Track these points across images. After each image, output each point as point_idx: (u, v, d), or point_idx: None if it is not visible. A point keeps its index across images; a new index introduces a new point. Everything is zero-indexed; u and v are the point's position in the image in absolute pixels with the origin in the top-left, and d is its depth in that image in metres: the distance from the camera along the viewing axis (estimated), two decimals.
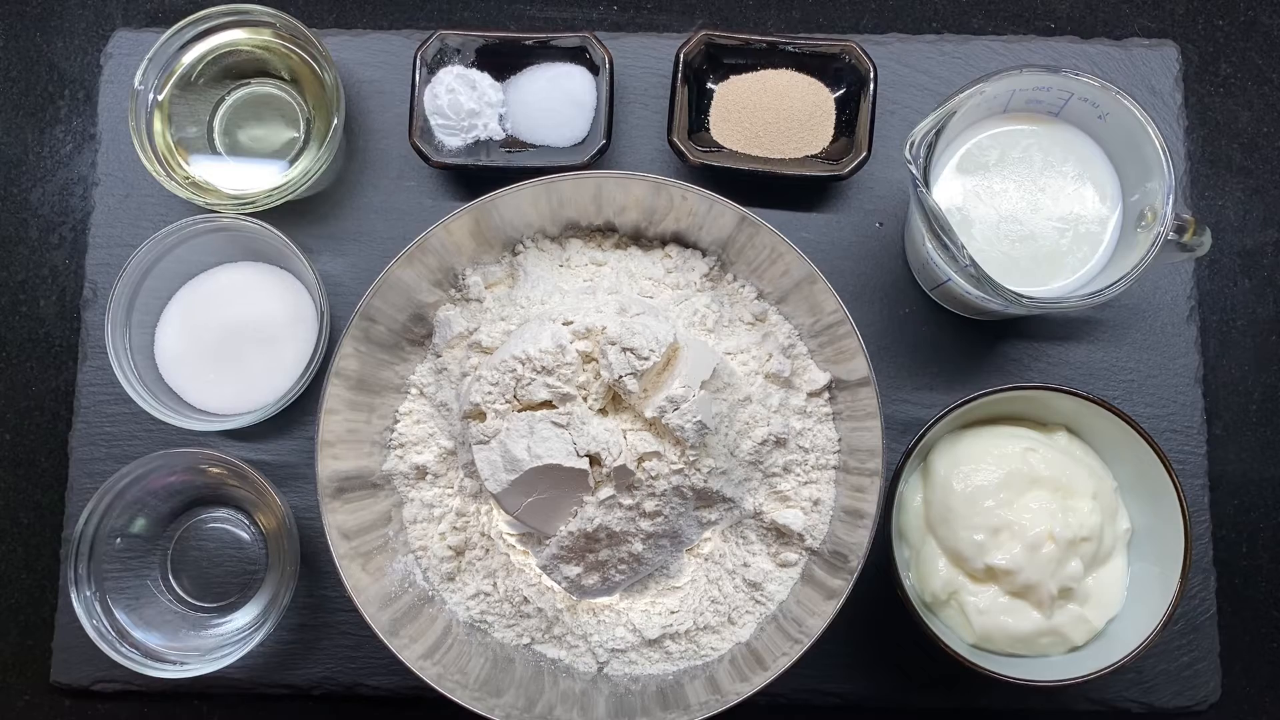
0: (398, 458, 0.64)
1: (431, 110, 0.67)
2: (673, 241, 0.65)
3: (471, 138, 0.68)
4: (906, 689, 0.68)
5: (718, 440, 0.59)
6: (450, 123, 0.68)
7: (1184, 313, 0.71)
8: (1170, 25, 0.75)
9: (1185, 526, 0.58)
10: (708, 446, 0.58)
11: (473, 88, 0.67)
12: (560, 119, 0.69)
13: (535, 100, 0.69)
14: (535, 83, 0.69)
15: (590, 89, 0.69)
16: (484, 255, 0.64)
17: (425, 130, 0.68)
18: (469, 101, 0.67)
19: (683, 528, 0.60)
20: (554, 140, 0.69)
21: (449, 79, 0.67)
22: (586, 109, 0.69)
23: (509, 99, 0.69)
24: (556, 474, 0.56)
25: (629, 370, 0.56)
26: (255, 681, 0.68)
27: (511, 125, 0.69)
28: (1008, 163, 0.64)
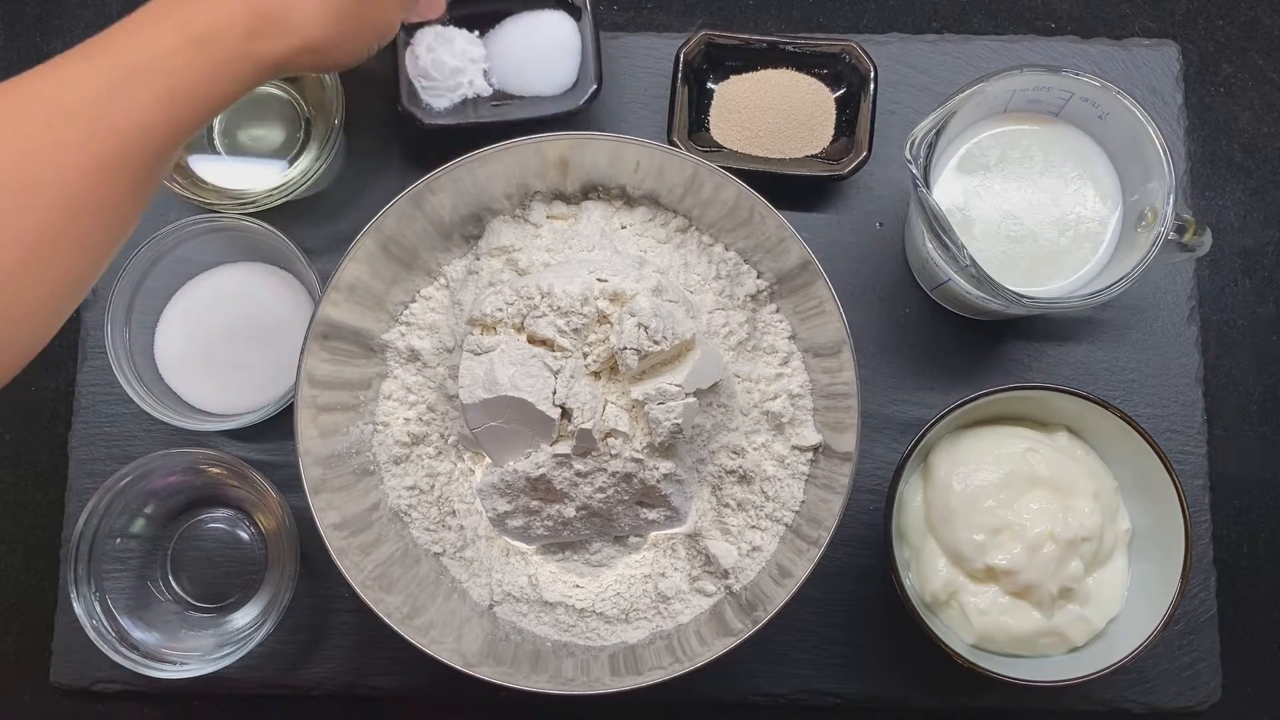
0: (399, 333, 0.64)
1: (415, 73, 0.67)
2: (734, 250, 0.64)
3: (458, 96, 0.67)
4: (907, 689, 0.68)
5: (687, 450, 0.60)
6: (435, 83, 0.67)
7: (1184, 313, 0.71)
8: (1171, 25, 0.75)
9: (1185, 527, 0.58)
10: (675, 451, 0.58)
11: (451, 43, 0.66)
12: (546, 66, 0.68)
13: (517, 50, 0.68)
14: (515, 32, 0.68)
15: (573, 32, 0.68)
16: (561, 187, 0.64)
17: (412, 94, 0.67)
18: (451, 59, 0.66)
19: (619, 515, 0.60)
20: (542, 89, 0.68)
21: (427, 38, 0.66)
22: (572, 53, 0.68)
23: (491, 53, 0.68)
24: (527, 411, 0.56)
25: (635, 346, 0.56)
26: (255, 681, 0.68)
27: (497, 79, 0.68)
28: (1008, 163, 0.64)
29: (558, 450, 0.57)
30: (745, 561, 0.62)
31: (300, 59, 0.52)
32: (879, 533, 0.62)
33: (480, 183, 0.61)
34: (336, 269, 0.58)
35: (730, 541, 0.62)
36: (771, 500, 0.62)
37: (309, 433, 0.58)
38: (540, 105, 0.68)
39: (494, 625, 0.62)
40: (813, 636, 0.68)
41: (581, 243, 0.62)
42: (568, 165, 0.62)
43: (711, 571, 0.62)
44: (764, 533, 0.62)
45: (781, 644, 0.68)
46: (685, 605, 0.62)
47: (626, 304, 0.57)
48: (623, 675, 0.58)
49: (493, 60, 0.68)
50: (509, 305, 0.58)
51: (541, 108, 0.67)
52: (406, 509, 0.63)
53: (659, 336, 0.56)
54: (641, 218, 0.65)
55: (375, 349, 0.64)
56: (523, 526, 0.62)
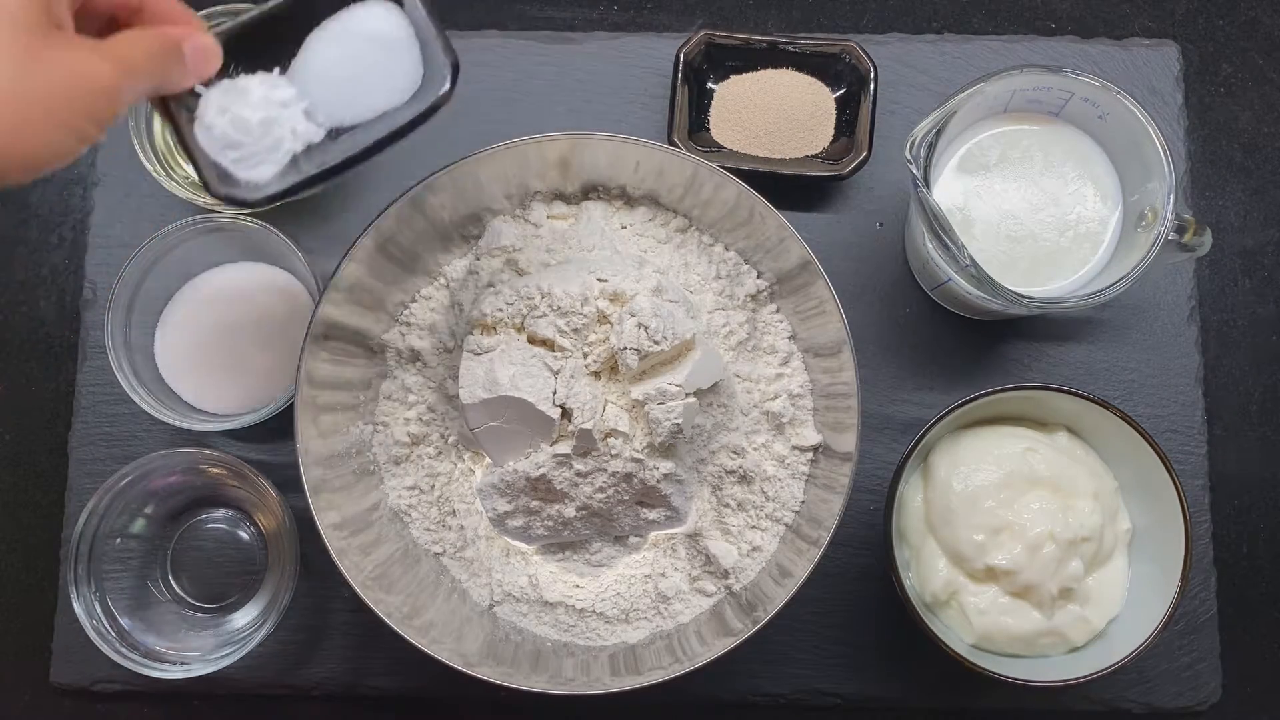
0: (399, 334, 0.64)
1: (216, 150, 0.49)
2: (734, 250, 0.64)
3: (284, 155, 0.50)
4: (906, 689, 0.68)
5: (688, 450, 0.60)
6: (246, 150, 0.49)
7: (1184, 313, 0.71)
8: (1171, 25, 0.75)
9: (1186, 527, 0.58)
10: (675, 450, 0.58)
11: (247, 94, 0.49)
12: (375, 75, 0.51)
13: (333, 70, 0.51)
14: (323, 51, 0.51)
15: (399, 21, 0.51)
16: (561, 187, 0.64)
17: (223, 176, 0.49)
18: (253, 112, 0.49)
19: (619, 515, 0.60)
20: (383, 103, 0.51)
21: (214, 100, 0.48)
22: (404, 47, 0.51)
23: (303, 86, 0.50)
24: (527, 411, 0.56)
25: (635, 346, 0.56)
26: (255, 681, 0.68)
27: (324, 114, 0.50)
28: (1008, 163, 0.64)
29: (558, 450, 0.58)
30: (745, 561, 0.62)
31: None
32: (879, 533, 0.62)
33: (480, 183, 0.61)
34: (336, 269, 0.58)
35: (730, 541, 0.62)
36: (771, 500, 0.62)
37: (309, 433, 0.58)
38: (389, 120, 0.51)
39: (494, 625, 0.62)
40: (813, 636, 0.68)
41: (581, 243, 0.62)
42: (568, 165, 0.62)
43: (711, 571, 0.62)
44: (764, 533, 0.62)
45: (781, 644, 0.68)
46: (685, 605, 0.62)
47: (626, 304, 0.57)
48: (623, 675, 0.58)
49: (310, 94, 0.50)
50: (509, 305, 0.58)
51: (391, 122, 0.51)
52: (406, 509, 0.63)
53: (659, 336, 0.56)
54: (641, 218, 0.65)
55: (375, 349, 0.64)
56: (523, 526, 0.62)
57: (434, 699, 0.68)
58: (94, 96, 0.40)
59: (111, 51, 0.42)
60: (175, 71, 0.45)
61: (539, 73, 0.73)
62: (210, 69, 0.47)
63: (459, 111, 0.72)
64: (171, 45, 0.44)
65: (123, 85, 0.41)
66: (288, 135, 0.49)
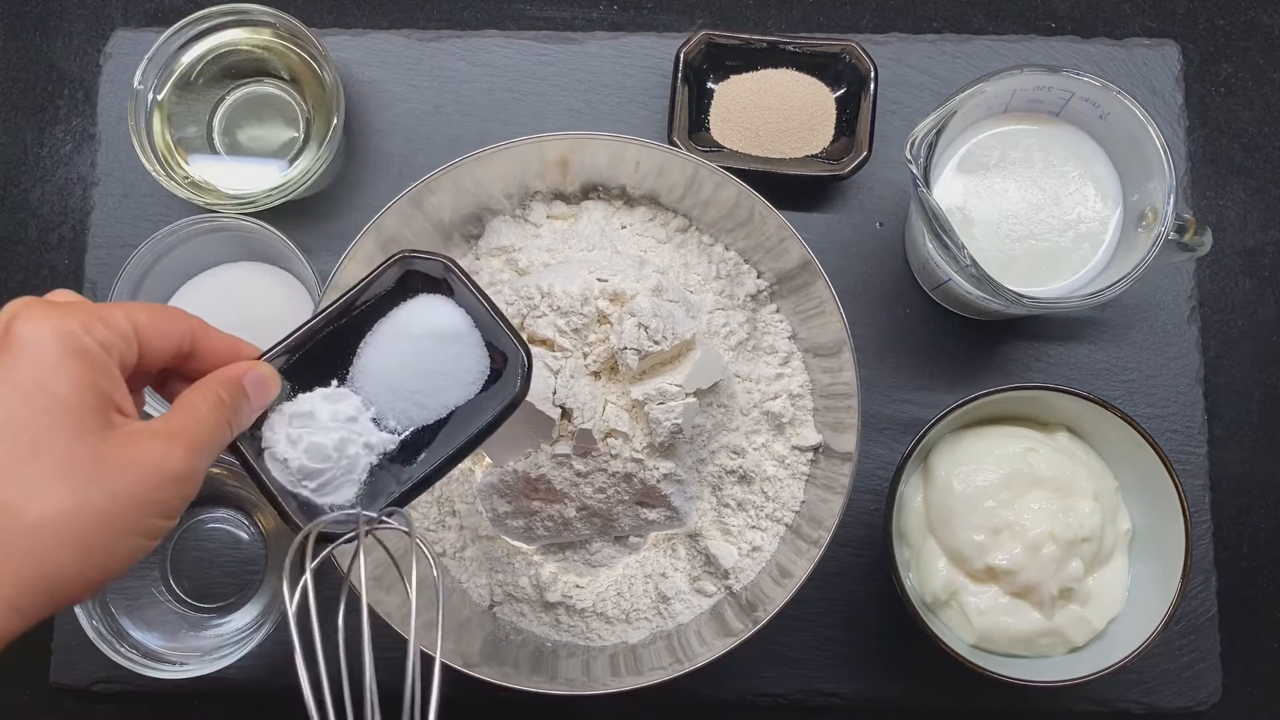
0: None
1: (294, 484, 0.45)
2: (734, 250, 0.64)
3: (363, 469, 0.46)
4: (906, 689, 0.68)
5: (688, 450, 0.59)
6: (325, 476, 0.45)
7: (1185, 313, 0.71)
8: (1171, 25, 0.75)
9: (1186, 527, 0.58)
10: (675, 450, 0.58)
11: (313, 417, 0.45)
12: (446, 368, 0.48)
13: (396, 373, 0.47)
14: (381, 354, 0.47)
15: (453, 312, 0.48)
16: (561, 187, 0.64)
17: (306, 508, 0.45)
18: (326, 436, 0.45)
19: (619, 515, 0.60)
20: (460, 396, 0.48)
21: (281, 431, 0.45)
22: (466, 334, 0.48)
23: (365, 394, 0.47)
24: (527, 411, 0.56)
25: (635, 346, 0.56)
26: (255, 682, 0.68)
27: (394, 419, 0.47)
28: (1008, 163, 0.64)
29: (558, 450, 0.57)
30: (745, 562, 0.62)
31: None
32: (879, 533, 0.62)
33: (480, 183, 0.61)
34: (336, 269, 0.58)
35: (730, 541, 0.62)
36: (772, 500, 0.62)
37: None
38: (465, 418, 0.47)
39: (494, 625, 0.62)
40: (813, 636, 0.68)
41: (581, 243, 0.62)
42: (568, 165, 0.62)
43: (712, 571, 0.62)
44: (764, 533, 0.62)
45: (781, 644, 0.68)
46: (685, 605, 0.62)
47: (626, 304, 0.57)
48: (623, 675, 0.58)
49: (376, 400, 0.47)
50: (509, 305, 0.58)
51: (468, 422, 0.47)
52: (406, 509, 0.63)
53: (659, 336, 0.56)
54: (641, 218, 0.65)
55: None
56: (523, 527, 0.61)
57: None
58: (168, 489, 0.37)
59: (178, 428, 0.38)
60: (244, 416, 0.42)
61: (539, 73, 0.73)
62: (270, 398, 0.44)
63: (459, 111, 0.72)
64: (235, 391, 0.42)
65: (197, 465, 0.38)
66: (362, 450, 0.46)
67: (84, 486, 0.35)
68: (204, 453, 0.39)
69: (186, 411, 0.39)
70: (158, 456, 0.37)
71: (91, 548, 0.35)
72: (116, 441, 0.36)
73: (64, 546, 0.34)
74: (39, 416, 0.35)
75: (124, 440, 0.36)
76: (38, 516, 0.34)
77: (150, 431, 0.37)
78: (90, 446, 0.35)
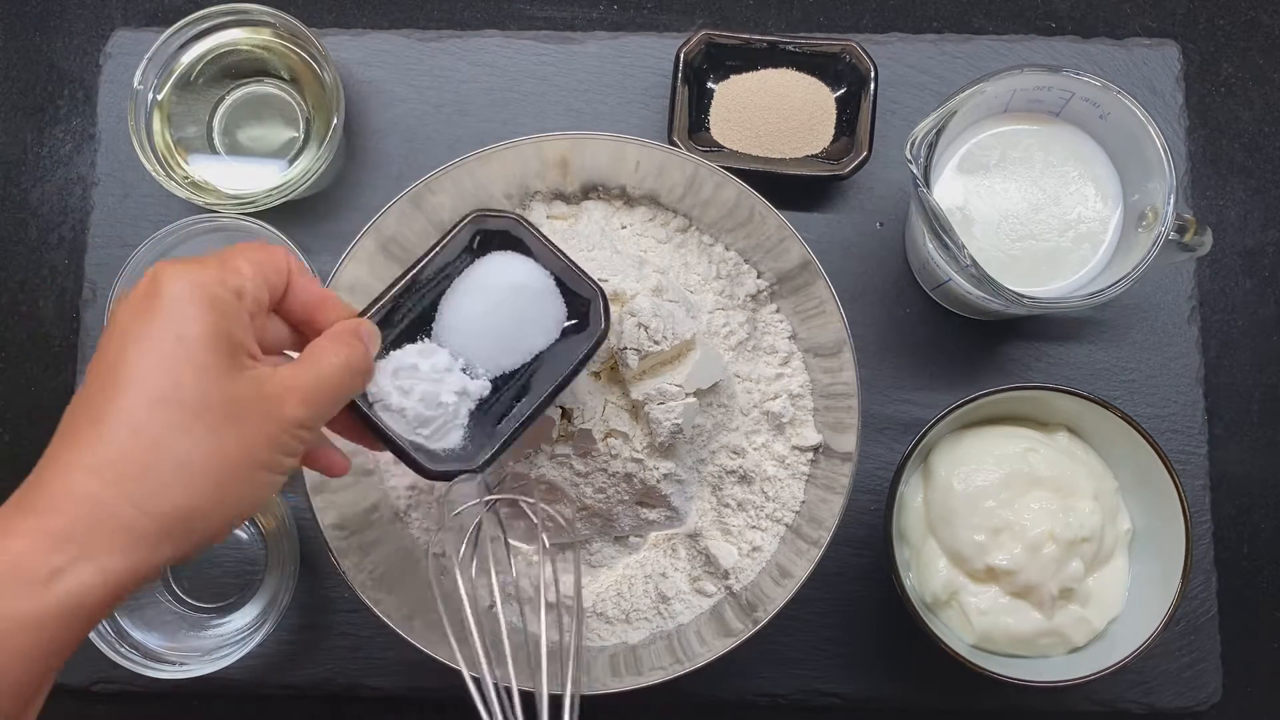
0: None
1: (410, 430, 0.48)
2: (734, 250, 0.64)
3: (465, 415, 0.49)
4: (906, 689, 0.68)
5: (688, 450, 0.59)
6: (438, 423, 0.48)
7: (1185, 313, 0.71)
8: (1171, 25, 0.75)
9: (1186, 527, 0.58)
10: (675, 450, 0.58)
11: (416, 368, 0.48)
12: (530, 316, 0.51)
13: (481, 323, 0.50)
14: (464, 308, 0.50)
15: (528, 264, 0.51)
16: (561, 187, 0.64)
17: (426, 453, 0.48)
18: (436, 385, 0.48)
19: (619, 515, 0.60)
20: (545, 340, 0.51)
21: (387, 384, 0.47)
22: (545, 285, 0.51)
23: (453, 346, 0.49)
24: None
25: (635, 346, 0.56)
26: (255, 681, 0.68)
27: (485, 366, 0.50)
28: (1008, 162, 0.64)
29: (558, 450, 0.57)
30: (745, 562, 0.62)
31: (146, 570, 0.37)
32: (879, 533, 0.62)
33: (480, 183, 0.61)
34: (336, 269, 0.58)
35: (730, 542, 0.62)
36: (772, 500, 0.62)
37: None
38: (553, 360, 0.50)
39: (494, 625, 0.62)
40: (813, 636, 0.68)
41: (581, 243, 0.62)
42: (568, 165, 0.62)
43: (712, 572, 0.62)
44: (764, 533, 0.62)
45: (781, 644, 0.68)
46: (685, 605, 0.62)
47: (626, 304, 0.57)
48: (623, 675, 0.58)
49: (465, 351, 0.50)
50: None
51: (557, 364, 0.50)
52: (406, 509, 0.63)
53: (658, 336, 0.56)
54: (641, 218, 0.65)
55: None
56: (523, 527, 0.61)
57: (434, 699, 0.68)
58: (292, 431, 0.40)
59: (305, 376, 0.41)
60: (367, 368, 0.45)
61: (539, 73, 0.73)
62: (375, 352, 0.47)
63: (459, 111, 0.72)
64: (356, 345, 0.44)
65: (320, 412, 0.42)
66: (460, 397, 0.49)
67: (220, 425, 0.38)
68: (327, 401, 0.42)
69: (314, 360, 0.42)
70: (285, 400, 0.40)
71: (226, 484, 0.38)
72: (248, 384, 0.39)
73: (205, 481, 0.37)
74: (180, 365, 0.38)
75: (255, 383, 0.39)
76: (182, 453, 0.37)
77: (280, 377, 0.40)
78: (224, 389, 0.38)
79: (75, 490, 0.37)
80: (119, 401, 0.37)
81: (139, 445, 0.37)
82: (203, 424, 0.37)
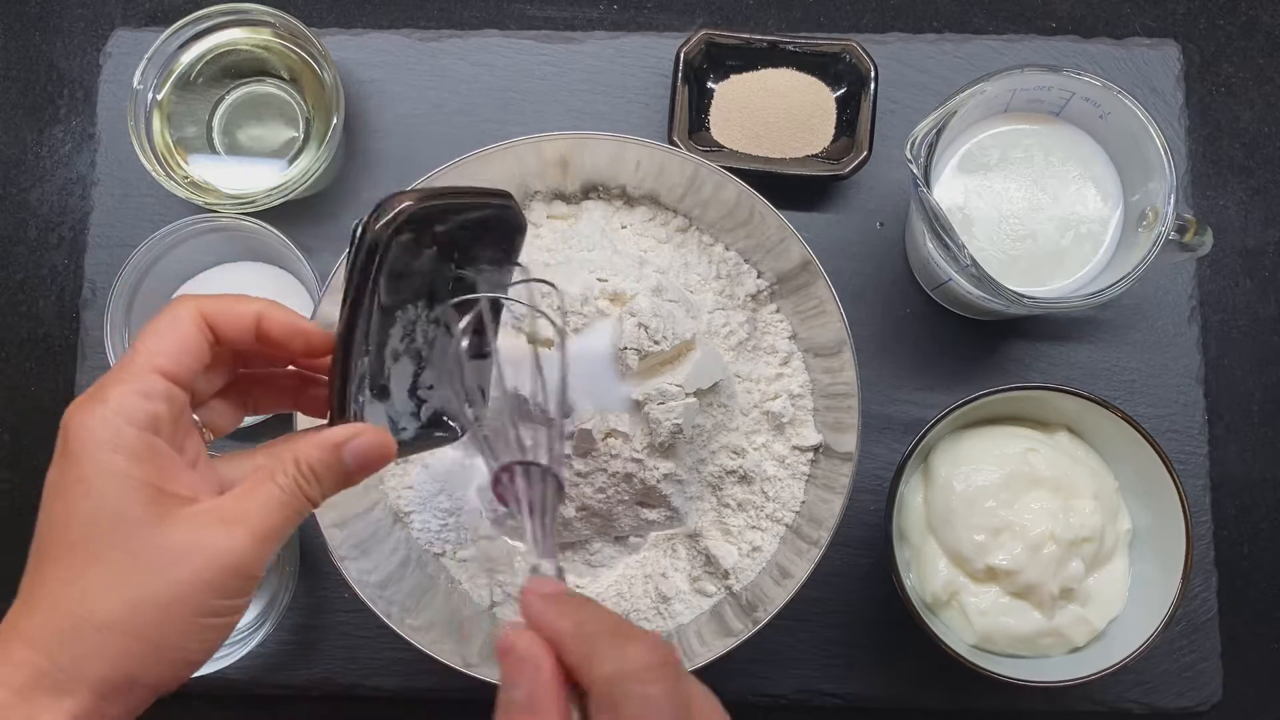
0: None
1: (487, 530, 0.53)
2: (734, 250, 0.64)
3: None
4: (906, 689, 0.68)
5: (688, 450, 0.59)
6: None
7: (1185, 313, 0.71)
8: (1172, 25, 0.75)
9: (1186, 527, 0.58)
10: (675, 451, 0.58)
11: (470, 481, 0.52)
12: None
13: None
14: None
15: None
16: (561, 187, 0.64)
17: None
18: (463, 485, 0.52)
19: (619, 515, 0.60)
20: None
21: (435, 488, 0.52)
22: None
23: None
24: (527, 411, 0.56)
25: (635, 346, 0.56)
26: (255, 681, 0.68)
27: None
28: (1009, 162, 0.64)
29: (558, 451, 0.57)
30: (745, 562, 0.62)
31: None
32: (879, 533, 0.62)
33: (480, 183, 0.61)
34: (336, 269, 0.58)
35: (730, 542, 0.62)
36: (772, 500, 0.62)
37: None
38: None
39: (494, 625, 0.62)
40: (813, 636, 0.68)
41: (581, 243, 0.62)
42: (568, 165, 0.62)
43: (712, 572, 0.62)
44: (764, 533, 0.62)
45: (781, 644, 0.68)
46: (685, 605, 0.62)
47: (626, 304, 0.57)
48: None
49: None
50: None
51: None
52: (407, 509, 0.63)
53: (658, 336, 0.56)
54: (641, 217, 0.65)
55: None
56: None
57: (434, 699, 0.68)
58: (231, 576, 0.37)
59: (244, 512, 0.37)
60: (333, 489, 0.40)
61: (539, 73, 0.73)
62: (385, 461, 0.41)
63: (459, 111, 0.72)
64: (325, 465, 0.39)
65: (264, 553, 0.37)
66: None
67: (147, 579, 0.35)
68: (272, 539, 0.38)
69: (257, 492, 0.38)
70: (220, 543, 0.36)
71: (162, 639, 0.36)
72: (173, 530, 0.36)
73: (135, 640, 0.35)
74: (93, 523, 0.36)
75: (182, 527, 0.36)
76: (105, 615, 0.35)
77: (214, 515, 0.37)
78: (147, 540, 0.36)
79: (15, 658, 0.35)
80: (42, 570, 0.36)
81: (58, 614, 0.35)
82: (127, 582, 0.35)
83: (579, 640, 0.34)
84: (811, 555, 0.57)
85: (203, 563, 0.36)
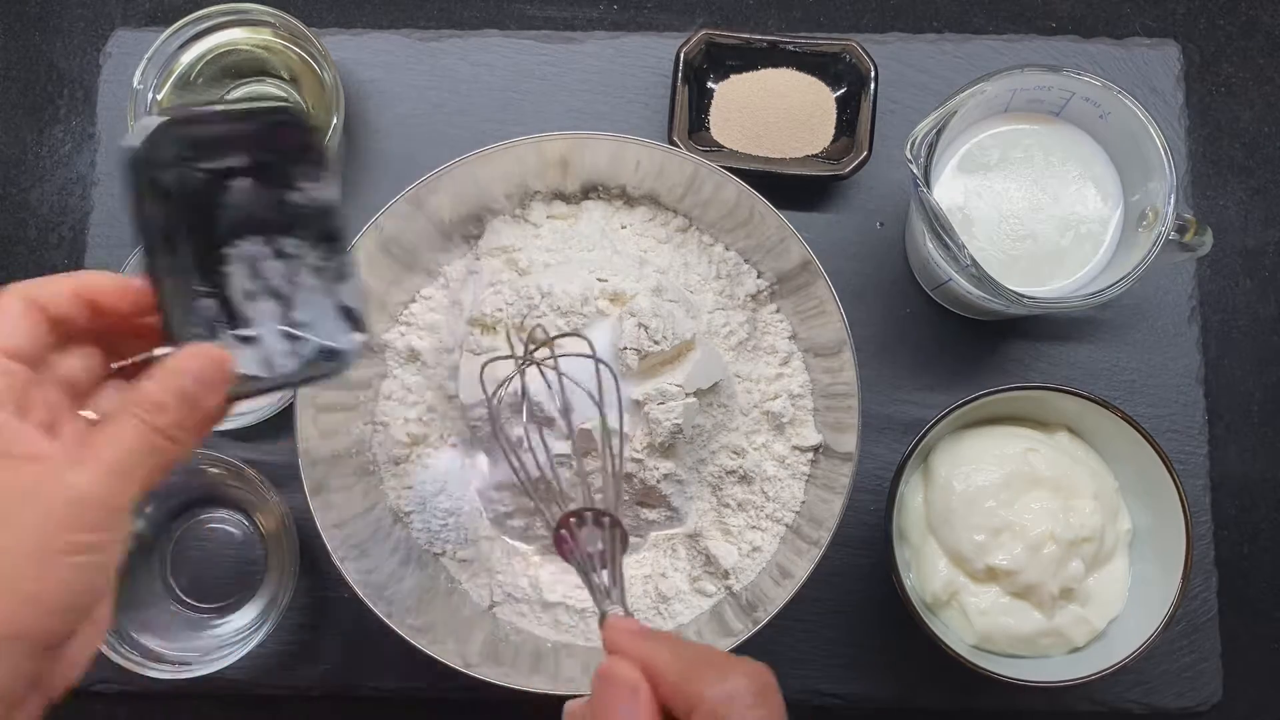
0: (399, 333, 0.64)
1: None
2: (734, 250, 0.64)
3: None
4: (907, 689, 0.68)
5: (688, 450, 0.59)
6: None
7: (1185, 313, 0.71)
8: (1172, 25, 0.75)
9: (1186, 527, 0.58)
10: (675, 451, 0.58)
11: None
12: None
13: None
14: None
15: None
16: (561, 187, 0.64)
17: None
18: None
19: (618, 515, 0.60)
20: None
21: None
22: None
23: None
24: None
25: (635, 346, 0.56)
26: (255, 681, 0.68)
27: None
28: (1009, 162, 0.64)
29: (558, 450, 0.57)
30: (745, 562, 0.62)
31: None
32: (879, 533, 0.62)
33: (480, 183, 0.61)
34: None
35: (730, 542, 0.62)
36: (772, 500, 0.62)
37: (309, 433, 0.58)
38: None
39: (494, 625, 0.62)
40: (813, 636, 0.68)
41: (581, 243, 0.62)
42: (568, 165, 0.62)
43: (712, 572, 0.62)
44: (764, 533, 0.62)
45: (781, 644, 0.68)
46: (685, 605, 0.62)
47: (626, 304, 0.57)
48: None
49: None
50: (509, 305, 0.58)
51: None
52: (407, 509, 0.63)
53: (658, 336, 0.56)
54: (641, 218, 0.65)
55: (375, 349, 0.64)
56: (523, 527, 0.61)
57: (434, 699, 0.68)
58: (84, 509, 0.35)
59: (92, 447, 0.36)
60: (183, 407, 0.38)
61: (539, 73, 0.73)
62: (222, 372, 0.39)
63: (459, 111, 0.72)
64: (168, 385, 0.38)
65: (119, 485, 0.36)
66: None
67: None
68: (127, 472, 0.37)
69: (105, 430, 0.37)
70: (65, 479, 0.36)
71: (16, 581, 0.34)
72: (14, 481, 0.35)
73: (7, 595, 0.34)
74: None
75: (24, 476, 0.36)
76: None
77: (60, 459, 0.36)
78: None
79: None
80: None
81: None
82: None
83: (678, 669, 0.37)
84: (811, 555, 0.57)
85: (50, 502, 0.35)
